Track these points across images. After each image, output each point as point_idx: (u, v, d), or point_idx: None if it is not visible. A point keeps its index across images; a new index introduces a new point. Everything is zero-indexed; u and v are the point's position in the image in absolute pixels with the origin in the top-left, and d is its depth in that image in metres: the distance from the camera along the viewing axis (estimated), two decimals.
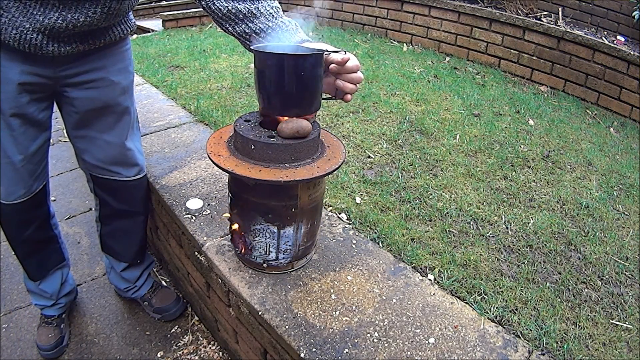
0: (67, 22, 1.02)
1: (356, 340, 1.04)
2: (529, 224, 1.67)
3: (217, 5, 1.02)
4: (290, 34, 1.02)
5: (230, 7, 1.01)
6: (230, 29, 1.05)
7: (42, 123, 1.22)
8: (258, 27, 1.02)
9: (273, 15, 1.03)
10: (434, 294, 1.20)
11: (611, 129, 2.86)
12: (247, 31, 1.03)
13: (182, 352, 1.54)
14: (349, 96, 1.00)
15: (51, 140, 1.33)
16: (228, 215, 1.22)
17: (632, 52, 3.01)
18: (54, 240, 1.48)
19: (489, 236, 1.58)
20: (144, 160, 1.46)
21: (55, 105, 1.27)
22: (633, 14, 3.58)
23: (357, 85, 0.98)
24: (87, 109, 1.24)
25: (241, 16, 1.02)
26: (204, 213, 1.47)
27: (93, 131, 1.29)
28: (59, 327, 1.53)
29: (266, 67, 1.00)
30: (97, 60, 1.20)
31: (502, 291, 1.31)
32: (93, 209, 1.53)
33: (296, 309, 1.11)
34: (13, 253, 1.44)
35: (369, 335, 1.06)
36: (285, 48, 1.03)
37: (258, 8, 1.01)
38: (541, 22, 3.41)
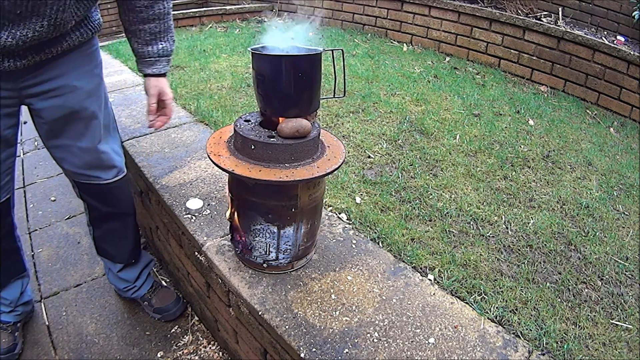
0: (16, 39, 1.02)
1: (356, 340, 1.04)
2: (529, 224, 1.67)
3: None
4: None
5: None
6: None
7: (8, 140, 1.22)
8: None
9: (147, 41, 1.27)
10: (434, 294, 1.20)
11: (611, 129, 2.86)
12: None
13: (182, 352, 1.54)
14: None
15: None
16: (228, 213, 1.22)
17: (632, 52, 3.01)
18: (17, 252, 1.49)
19: (489, 236, 1.58)
20: (122, 160, 1.44)
21: (20, 125, 1.27)
22: (633, 14, 3.58)
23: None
24: (54, 117, 1.23)
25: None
26: (204, 213, 1.47)
27: (66, 139, 1.28)
28: (13, 334, 1.53)
29: (264, 68, 1.01)
30: (55, 68, 1.18)
31: (502, 291, 1.31)
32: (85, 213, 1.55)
33: (296, 309, 1.11)
34: None
35: (369, 335, 1.06)
36: (282, 49, 1.04)
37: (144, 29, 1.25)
38: (541, 22, 3.41)
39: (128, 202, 1.51)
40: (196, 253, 1.38)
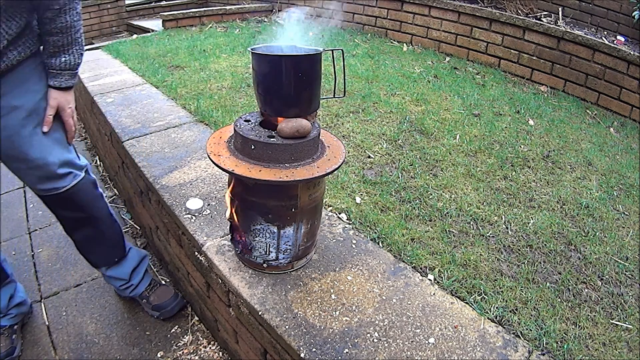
0: None
1: (356, 340, 1.04)
2: (529, 224, 1.67)
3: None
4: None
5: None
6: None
7: None
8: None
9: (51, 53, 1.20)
10: (434, 294, 1.20)
11: (611, 129, 2.86)
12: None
13: (182, 352, 1.54)
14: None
15: None
16: (228, 213, 1.22)
17: (632, 52, 3.01)
18: None
19: (489, 236, 1.58)
20: (75, 164, 1.40)
21: None
22: (633, 14, 3.58)
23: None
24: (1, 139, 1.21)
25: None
26: (204, 213, 1.47)
27: (15, 162, 1.28)
28: (10, 337, 1.53)
29: (263, 68, 1.01)
30: None
31: (502, 291, 1.31)
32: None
33: (296, 309, 1.11)
34: None
35: (369, 335, 1.06)
36: (283, 49, 1.04)
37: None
38: (541, 22, 3.41)
39: (93, 204, 1.48)
40: (196, 253, 1.38)
